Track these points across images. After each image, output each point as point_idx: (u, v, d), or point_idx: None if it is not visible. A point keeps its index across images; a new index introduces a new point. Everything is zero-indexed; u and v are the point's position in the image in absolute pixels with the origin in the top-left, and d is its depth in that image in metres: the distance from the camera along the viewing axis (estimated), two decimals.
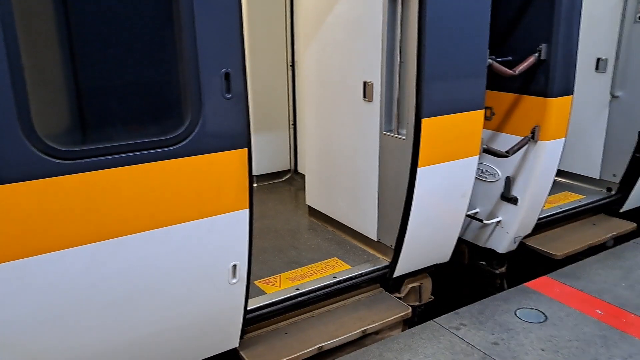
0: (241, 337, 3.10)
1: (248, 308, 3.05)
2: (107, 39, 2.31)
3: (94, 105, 2.39)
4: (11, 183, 2.12)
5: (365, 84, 3.67)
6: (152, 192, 2.46)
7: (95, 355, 2.58)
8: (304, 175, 4.86)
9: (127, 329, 2.62)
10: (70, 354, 2.50)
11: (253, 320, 3.22)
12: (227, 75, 2.51)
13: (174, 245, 2.59)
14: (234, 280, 2.84)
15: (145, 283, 2.57)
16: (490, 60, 3.57)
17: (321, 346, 3.23)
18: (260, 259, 3.84)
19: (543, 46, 3.78)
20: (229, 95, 2.54)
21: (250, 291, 2.99)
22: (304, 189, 4.71)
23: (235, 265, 2.81)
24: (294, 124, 5.69)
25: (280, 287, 3.47)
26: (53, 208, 2.23)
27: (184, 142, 2.48)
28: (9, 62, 2.03)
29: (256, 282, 3.50)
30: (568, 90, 3.94)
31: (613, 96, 4.97)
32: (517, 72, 3.75)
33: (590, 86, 5.07)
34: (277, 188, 5.51)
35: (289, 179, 5.75)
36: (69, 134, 2.37)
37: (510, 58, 3.90)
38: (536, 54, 3.80)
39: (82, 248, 2.34)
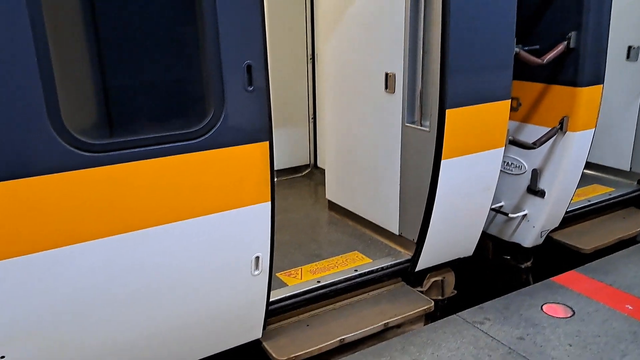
0: (264, 329, 3.12)
1: (270, 299, 3.07)
2: (132, 35, 2.34)
3: (120, 99, 2.42)
4: (41, 175, 2.17)
5: (387, 75, 3.62)
6: (176, 184, 2.48)
7: (119, 346, 2.63)
8: (323, 170, 4.85)
9: (152, 320, 2.65)
10: (94, 345, 2.55)
11: (275, 312, 3.24)
12: (248, 68, 2.51)
13: (199, 238, 2.61)
14: (257, 272, 2.86)
15: (170, 274, 2.60)
16: (517, 49, 3.48)
17: (343, 338, 3.22)
18: (281, 252, 3.85)
19: (572, 34, 3.66)
20: (251, 88, 2.54)
21: (272, 283, 3.00)
22: (323, 183, 4.70)
23: (257, 257, 2.83)
24: (314, 117, 5.67)
25: (301, 279, 3.47)
26: (81, 200, 2.27)
27: (206, 136, 2.49)
28: (38, 58, 2.07)
29: (278, 275, 3.51)
30: (598, 80, 3.82)
31: None
32: (545, 60, 3.65)
33: (621, 75, 4.91)
34: (296, 183, 5.51)
35: (309, 174, 5.74)
36: (96, 128, 2.40)
37: (537, 46, 3.80)
38: (565, 42, 3.69)
39: (109, 239, 2.38)
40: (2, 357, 2.31)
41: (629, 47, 4.86)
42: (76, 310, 2.42)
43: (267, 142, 2.65)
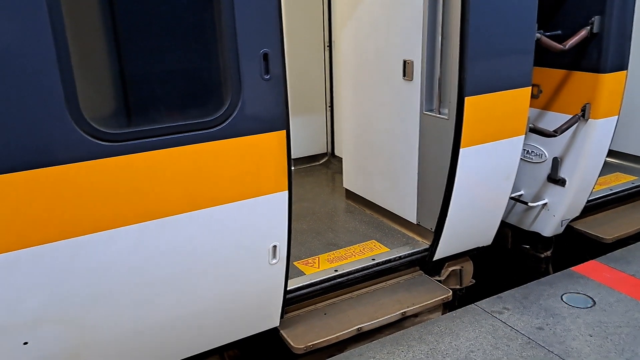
0: (281, 317, 3.14)
1: (288, 288, 3.08)
2: (149, 24, 2.33)
3: (137, 89, 2.43)
4: (60, 165, 2.19)
5: (405, 62, 3.57)
6: (193, 173, 2.49)
7: (141, 332, 2.67)
8: (341, 158, 4.83)
9: (172, 306, 2.69)
10: (116, 331, 2.60)
11: (293, 301, 3.25)
12: (265, 56, 2.50)
13: (216, 226, 2.62)
14: (274, 261, 2.87)
15: (189, 263, 2.63)
16: (538, 35, 3.40)
17: (360, 327, 3.23)
18: (298, 241, 3.86)
19: (595, 19, 3.56)
20: (268, 77, 2.53)
21: (289, 272, 3.01)
22: (341, 172, 4.69)
23: (275, 246, 2.84)
24: (331, 106, 5.64)
25: (319, 268, 3.48)
26: (99, 189, 2.30)
27: (223, 124, 2.49)
28: (56, 47, 2.08)
29: (295, 263, 3.52)
30: (622, 66, 3.72)
31: None
32: (567, 46, 3.56)
33: None
34: (314, 171, 5.50)
35: (326, 162, 5.73)
36: (114, 117, 2.42)
37: (559, 32, 3.71)
38: (588, 27, 3.59)
39: (127, 228, 2.41)
40: (25, 342, 2.36)
41: None
42: (97, 298, 2.46)
43: (284, 131, 2.64)
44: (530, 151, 4.15)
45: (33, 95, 2.08)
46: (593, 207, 4.43)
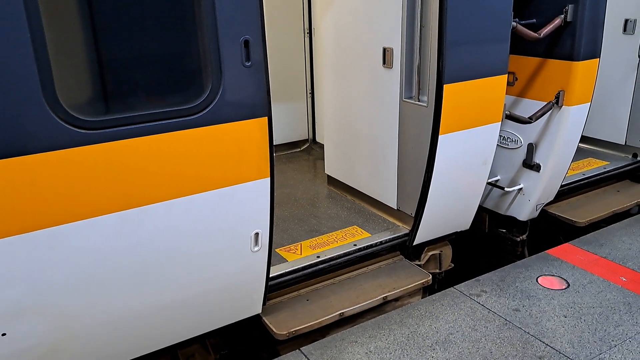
0: (264, 304, 3.16)
1: (270, 275, 3.10)
2: (127, 8, 2.29)
3: (115, 76, 2.39)
4: (36, 153, 2.15)
5: (384, 49, 3.59)
6: (174, 161, 2.47)
7: (123, 321, 2.66)
8: (322, 144, 4.84)
9: (154, 295, 2.68)
10: (98, 320, 2.58)
11: (275, 287, 3.27)
12: (246, 43, 2.48)
13: (197, 214, 2.62)
14: (256, 248, 2.88)
15: (170, 251, 2.62)
16: (514, 23, 3.45)
17: (342, 312, 3.27)
18: (280, 228, 3.88)
19: (569, 7, 3.63)
20: (249, 64, 2.52)
21: (272, 259, 3.02)
22: (322, 158, 4.70)
23: (257, 234, 2.84)
24: (312, 92, 5.64)
25: (301, 254, 3.51)
26: (78, 177, 2.27)
27: (204, 111, 2.47)
28: (31, 33, 2.03)
29: (277, 250, 3.54)
30: (595, 53, 3.81)
31: None
32: (542, 34, 3.63)
33: (617, 48, 4.90)
34: (295, 158, 5.50)
35: (308, 149, 5.74)
36: (91, 104, 2.38)
37: (534, 20, 3.77)
38: (562, 16, 3.66)
39: (107, 217, 2.38)
40: (3, 334, 2.33)
41: (626, 20, 4.83)
42: (76, 287, 2.44)
43: (266, 118, 2.64)
44: (506, 137, 4.23)
45: (8, 83, 2.03)
46: (567, 192, 4.55)
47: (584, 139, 5.08)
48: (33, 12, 2.03)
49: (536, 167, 4.07)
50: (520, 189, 4.20)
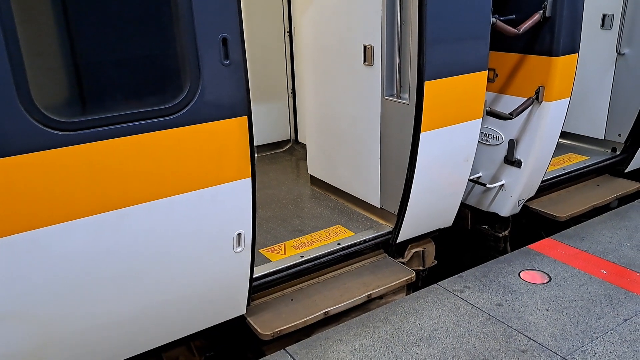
0: (248, 305, 3.13)
1: (254, 276, 3.08)
2: (104, 8, 2.25)
3: (92, 76, 2.34)
4: (12, 156, 2.10)
5: (365, 47, 3.59)
6: (153, 162, 2.43)
7: (105, 325, 2.61)
8: (304, 145, 4.82)
9: (136, 298, 2.64)
10: (80, 324, 2.53)
11: (259, 288, 3.25)
12: (224, 41, 2.45)
13: (178, 216, 2.58)
14: (239, 249, 2.85)
15: (152, 253, 2.58)
16: (494, 19, 3.47)
17: (327, 311, 3.26)
18: (264, 228, 3.85)
19: (548, 2, 3.66)
20: (227, 62, 2.49)
21: (255, 259, 3.00)
22: (305, 158, 4.69)
23: (240, 234, 2.82)
24: (293, 92, 5.61)
25: (285, 254, 3.49)
26: (55, 180, 2.22)
27: (183, 111, 2.44)
28: (4, 33, 1.98)
29: (261, 251, 3.51)
30: (573, 49, 3.85)
31: (619, 54, 4.86)
32: (521, 30, 3.65)
33: (595, 44, 4.97)
34: (277, 158, 5.48)
35: (290, 149, 5.71)
36: (68, 106, 2.33)
37: (514, 16, 3.80)
38: (541, 11, 3.69)
39: (87, 220, 2.34)
40: None
41: (604, 15, 4.90)
42: (57, 292, 2.39)
43: (246, 117, 2.61)
44: (487, 134, 4.26)
45: None
46: (547, 187, 4.60)
47: (564, 134, 5.14)
48: (5, 11, 1.98)
49: (517, 163, 4.10)
50: (502, 185, 4.23)
